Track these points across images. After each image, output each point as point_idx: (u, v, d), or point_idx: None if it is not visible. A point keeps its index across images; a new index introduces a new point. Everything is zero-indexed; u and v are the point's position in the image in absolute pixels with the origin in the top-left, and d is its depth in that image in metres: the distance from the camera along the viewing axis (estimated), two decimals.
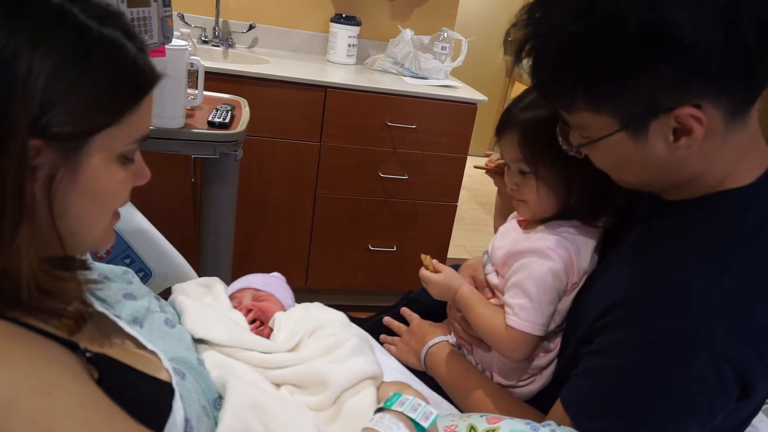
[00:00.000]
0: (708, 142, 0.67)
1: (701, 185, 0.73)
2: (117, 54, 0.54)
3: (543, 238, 0.86)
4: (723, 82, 0.63)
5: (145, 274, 1.06)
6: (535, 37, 0.69)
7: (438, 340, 1.06)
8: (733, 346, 0.65)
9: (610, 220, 0.89)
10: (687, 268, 0.69)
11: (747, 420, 0.77)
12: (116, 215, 0.63)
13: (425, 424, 0.68)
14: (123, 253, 1.03)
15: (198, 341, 0.81)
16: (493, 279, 0.95)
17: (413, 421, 0.68)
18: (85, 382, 0.52)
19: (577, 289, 0.86)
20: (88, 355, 0.55)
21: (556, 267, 0.84)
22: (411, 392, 0.77)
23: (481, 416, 0.79)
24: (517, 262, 0.87)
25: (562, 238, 0.85)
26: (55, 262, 0.57)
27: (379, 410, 0.71)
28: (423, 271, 0.99)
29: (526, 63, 0.71)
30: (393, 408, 0.69)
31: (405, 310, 1.18)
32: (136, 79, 0.57)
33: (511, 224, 0.98)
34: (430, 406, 0.71)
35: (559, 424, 0.73)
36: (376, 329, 1.15)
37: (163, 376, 0.64)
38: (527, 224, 0.94)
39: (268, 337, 0.90)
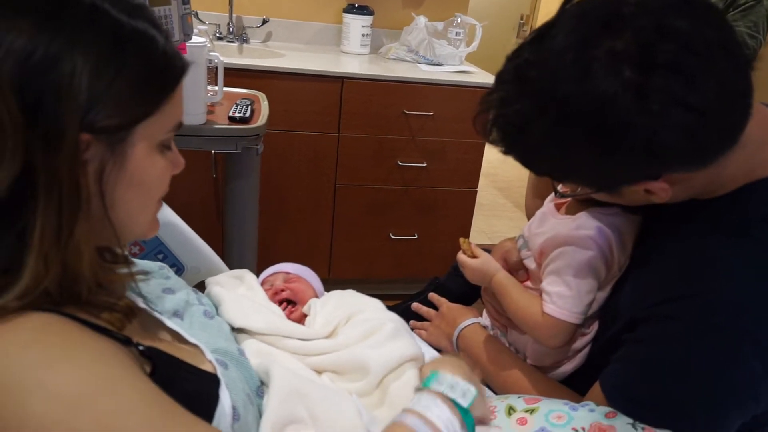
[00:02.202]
0: (701, 174, 0.68)
1: (726, 186, 0.72)
2: (149, 45, 0.56)
3: (583, 227, 0.85)
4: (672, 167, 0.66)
5: (178, 269, 1.08)
6: (495, 123, 0.70)
7: (469, 322, 1.05)
8: None
9: (649, 211, 0.88)
10: (729, 261, 0.69)
11: None
12: (159, 203, 0.65)
13: (464, 403, 0.67)
14: (156, 249, 1.05)
15: (237, 331, 0.83)
16: (531, 264, 0.94)
17: (452, 400, 0.68)
18: (142, 377, 0.53)
19: (617, 278, 0.85)
20: (141, 348, 0.56)
21: (596, 256, 0.83)
22: (448, 368, 0.76)
23: (519, 397, 0.79)
24: (557, 250, 0.86)
25: (603, 226, 0.84)
26: (104, 255, 0.59)
27: (417, 391, 0.71)
28: (460, 255, 0.99)
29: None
30: (431, 387, 0.69)
31: (433, 296, 1.17)
32: (168, 68, 0.58)
33: (548, 208, 0.96)
34: (468, 384, 0.69)
35: (597, 405, 0.73)
36: (404, 315, 1.15)
37: (207, 368, 0.65)
38: (566, 208, 0.93)
39: (301, 319, 0.91)
